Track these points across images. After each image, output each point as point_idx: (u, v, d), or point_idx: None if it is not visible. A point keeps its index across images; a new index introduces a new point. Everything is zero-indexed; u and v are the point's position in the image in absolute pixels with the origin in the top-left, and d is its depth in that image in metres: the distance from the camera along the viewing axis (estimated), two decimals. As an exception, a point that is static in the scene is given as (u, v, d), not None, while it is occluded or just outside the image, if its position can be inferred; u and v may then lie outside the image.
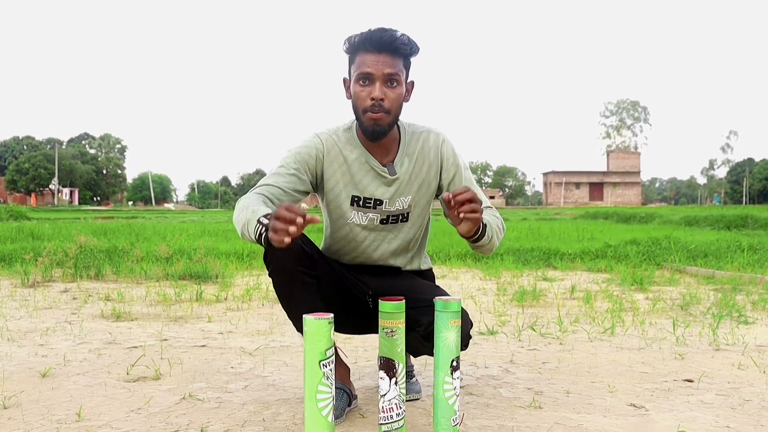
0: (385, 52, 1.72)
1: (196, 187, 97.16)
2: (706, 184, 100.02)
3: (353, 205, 1.87)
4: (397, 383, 1.54)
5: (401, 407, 1.55)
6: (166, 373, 2.34)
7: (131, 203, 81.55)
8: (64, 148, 77.81)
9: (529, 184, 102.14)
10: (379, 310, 1.54)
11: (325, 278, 1.82)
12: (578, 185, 75.08)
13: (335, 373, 1.77)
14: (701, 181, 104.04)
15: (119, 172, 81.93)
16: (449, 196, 1.56)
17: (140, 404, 1.96)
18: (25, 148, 77.40)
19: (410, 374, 2.12)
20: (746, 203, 73.65)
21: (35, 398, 2.01)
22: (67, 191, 71.42)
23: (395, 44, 1.72)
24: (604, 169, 78.00)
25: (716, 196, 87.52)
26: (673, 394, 2.09)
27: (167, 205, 78.54)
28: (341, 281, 1.90)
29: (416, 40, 1.77)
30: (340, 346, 1.88)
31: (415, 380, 2.12)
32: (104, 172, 79.66)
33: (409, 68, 1.81)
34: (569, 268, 6.29)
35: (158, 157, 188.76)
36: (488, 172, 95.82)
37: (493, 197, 79.68)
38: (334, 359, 1.46)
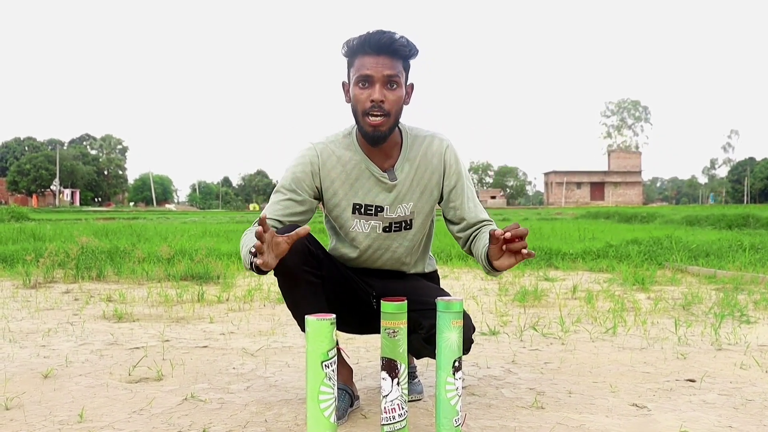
0: (384, 54, 1.71)
1: (197, 187, 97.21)
2: (707, 183, 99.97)
3: (355, 213, 1.85)
4: (399, 384, 1.54)
5: (403, 408, 1.55)
6: (168, 374, 2.34)
7: (132, 204, 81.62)
8: (65, 149, 77.97)
9: (530, 183, 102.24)
10: (381, 310, 1.54)
11: (330, 278, 1.82)
12: (579, 185, 75.05)
13: (338, 374, 1.77)
14: (702, 180, 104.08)
15: (120, 172, 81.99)
16: (501, 233, 1.54)
17: (142, 405, 1.96)
18: (26, 149, 77.46)
19: (412, 375, 2.12)
20: (747, 202, 73.54)
21: (37, 399, 2.02)
22: (68, 192, 71.46)
23: (394, 46, 1.71)
24: (605, 168, 78.00)
25: (712, 195, 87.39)
26: (675, 394, 2.08)
27: (168, 205, 78.65)
28: (346, 281, 1.90)
29: (417, 41, 1.76)
30: (342, 346, 1.88)
31: (417, 381, 2.12)
32: (105, 172, 79.71)
33: (408, 70, 1.79)
34: (571, 268, 6.28)
35: (159, 157, 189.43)
36: (489, 172, 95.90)
37: (494, 197, 79.80)
38: (336, 360, 1.46)
